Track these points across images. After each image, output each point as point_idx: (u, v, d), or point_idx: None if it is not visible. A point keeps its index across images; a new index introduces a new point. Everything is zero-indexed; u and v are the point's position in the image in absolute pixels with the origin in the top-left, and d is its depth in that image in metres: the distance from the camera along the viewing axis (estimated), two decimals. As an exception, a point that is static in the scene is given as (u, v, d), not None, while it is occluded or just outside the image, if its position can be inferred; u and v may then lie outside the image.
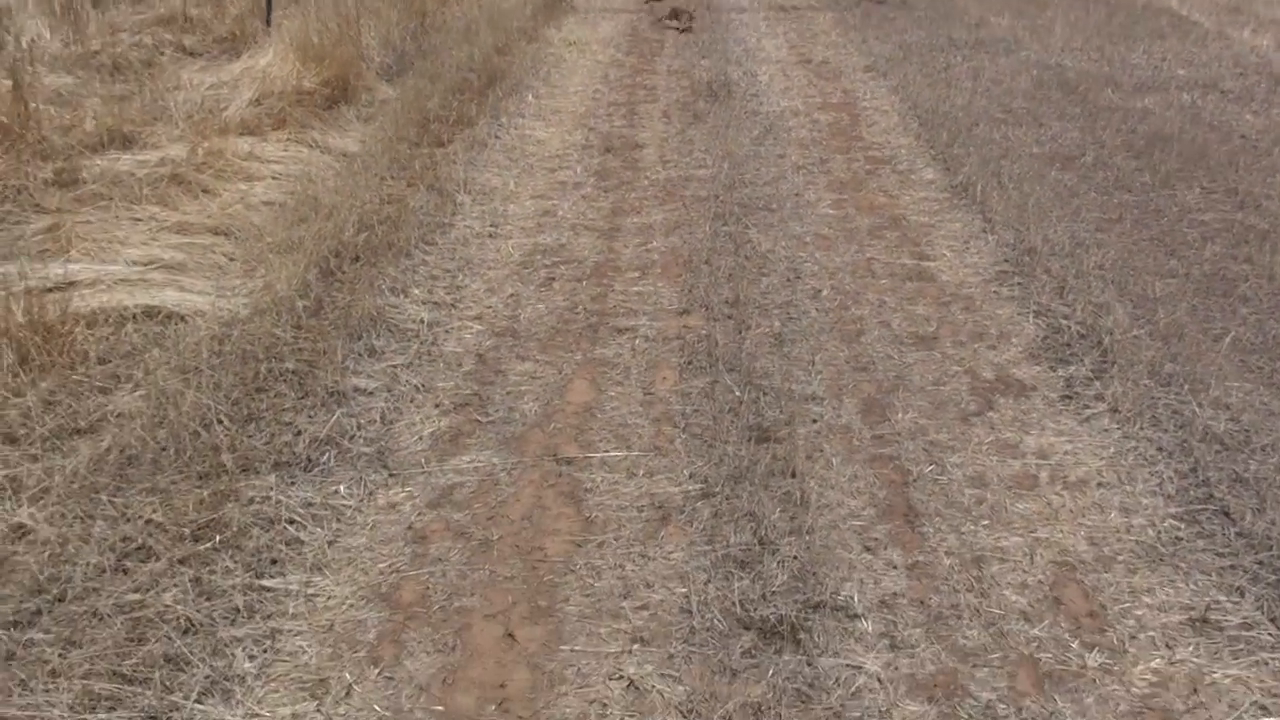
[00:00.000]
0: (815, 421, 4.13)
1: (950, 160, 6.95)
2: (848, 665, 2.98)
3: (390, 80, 8.81)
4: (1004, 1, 11.80)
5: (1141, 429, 4.02)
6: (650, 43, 10.56)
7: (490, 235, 5.89)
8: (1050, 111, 7.94)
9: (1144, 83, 8.60)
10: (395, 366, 4.46)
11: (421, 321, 4.86)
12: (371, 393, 4.25)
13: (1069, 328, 4.76)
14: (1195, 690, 2.87)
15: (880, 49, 9.98)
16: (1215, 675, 2.91)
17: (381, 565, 3.33)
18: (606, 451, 3.96)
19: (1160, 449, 3.90)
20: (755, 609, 3.16)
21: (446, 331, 4.81)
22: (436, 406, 4.21)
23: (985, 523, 3.55)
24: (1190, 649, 3.00)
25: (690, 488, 3.73)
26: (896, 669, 2.97)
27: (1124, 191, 6.35)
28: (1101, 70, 9.00)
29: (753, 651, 3.02)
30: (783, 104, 8.39)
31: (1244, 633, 3.05)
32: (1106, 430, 4.05)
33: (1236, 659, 2.96)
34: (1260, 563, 3.30)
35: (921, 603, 3.21)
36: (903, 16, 11.33)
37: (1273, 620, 3.08)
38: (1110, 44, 9.86)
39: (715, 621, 3.12)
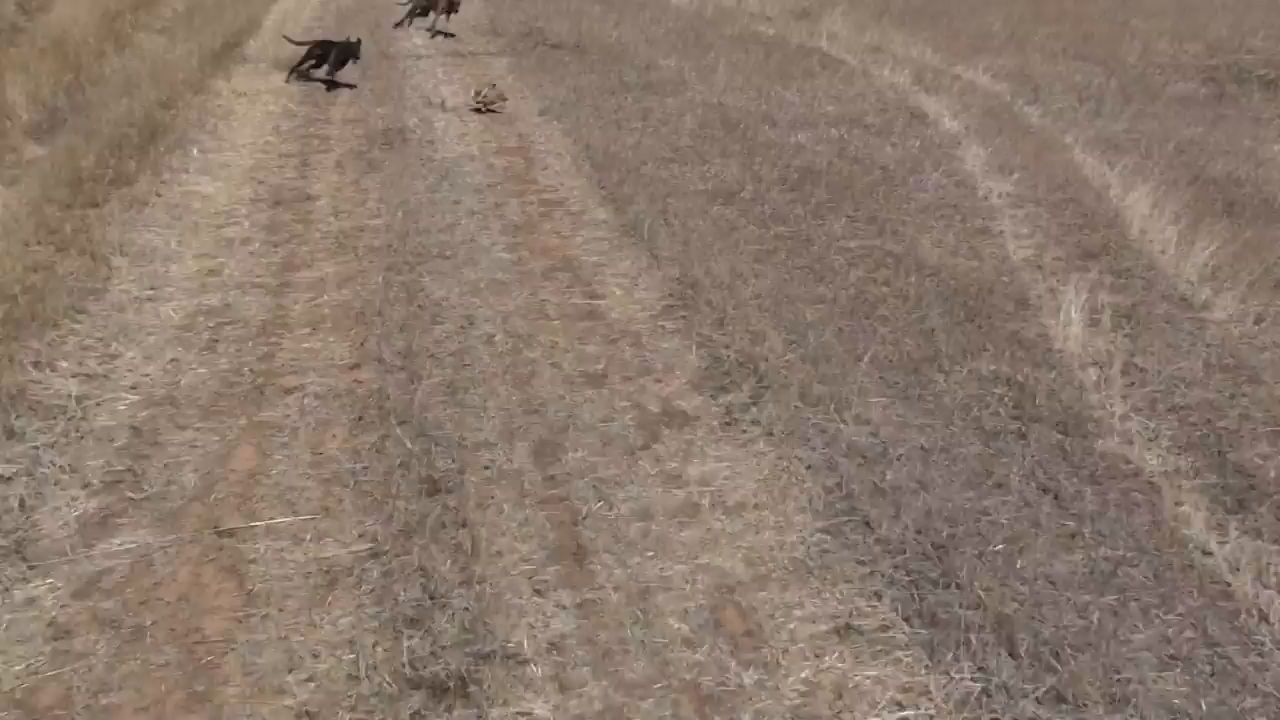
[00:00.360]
0: (487, 469, 4.15)
1: (620, 200, 7.17)
2: (518, 713, 3.01)
3: (40, 139, 8.31)
4: (671, 44, 12.28)
5: (793, 449, 4.25)
6: (324, 91, 10.38)
7: (149, 299, 5.63)
8: (714, 149, 8.31)
9: (798, 119, 9.14)
10: (38, 448, 4.18)
11: (69, 396, 4.58)
12: (9, 479, 3.97)
13: (729, 357, 4.99)
14: (840, 695, 3.05)
15: (554, 92, 10.19)
16: (857, 678, 3.11)
17: (17, 669, 3.10)
18: (272, 519, 3.85)
19: (809, 467, 4.14)
20: (425, 666, 3.14)
21: (98, 405, 4.56)
22: (85, 487, 3.97)
23: (651, 554, 3.66)
24: (835, 656, 3.19)
25: (360, 548, 3.68)
26: (565, 710, 3.02)
27: (779, 224, 6.72)
28: (760, 108, 9.50)
29: (422, 711, 3.00)
30: (459, 150, 8.44)
31: (881, 634, 3.27)
32: (762, 453, 4.27)
33: (876, 660, 3.18)
34: (896, 566, 3.55)
35: (590, 641, 3.27)
36: (576, 60, 11.61)
37: (906, 620, 3.31)
38: (768, 82, 10.43)
39: (384, 685, 3.08)
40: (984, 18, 13.51)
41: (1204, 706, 2.99)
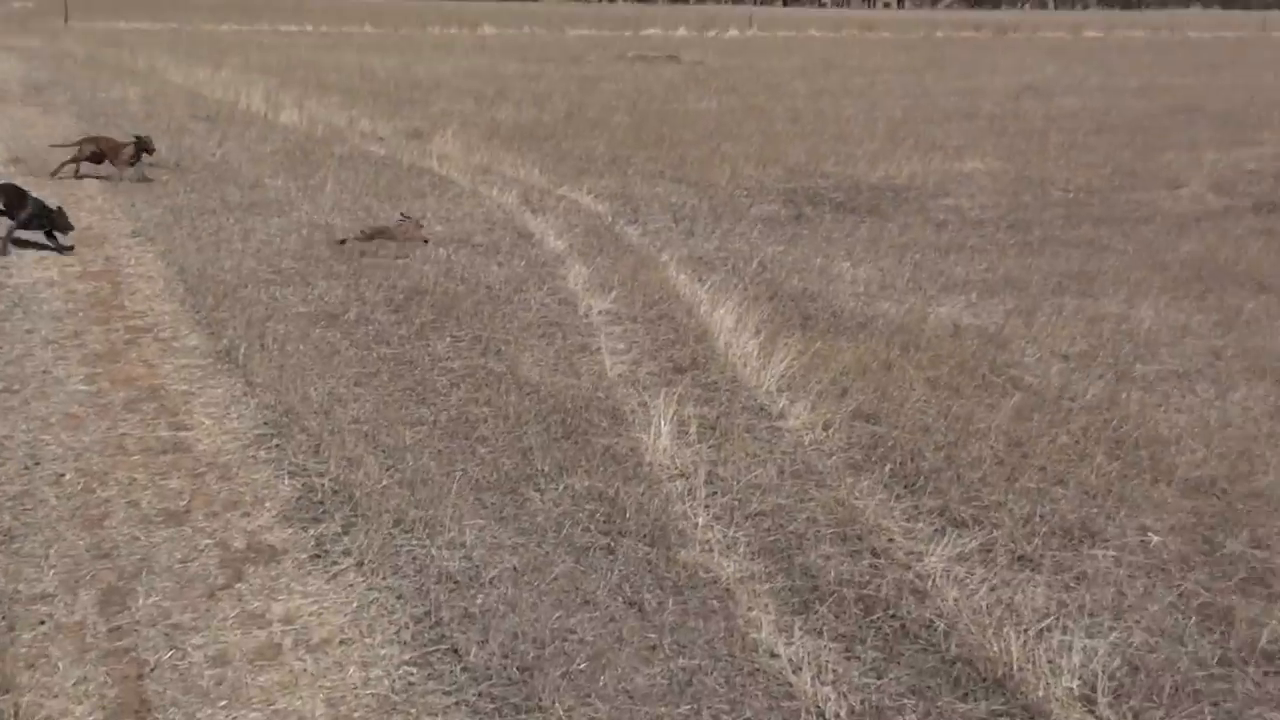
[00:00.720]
0: (43, 623, 3.80)
1: (215, 325, 6.90)
2: None
3: None
4: (279, 163, 12.09)
5: (384, 579, 4.16)
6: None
7: None
8: (318, 270, 8.19)
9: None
10: None
11: None
12: None
13: (323, 485, 4.85)
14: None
15: (149, 213, 9.76)
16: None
17: None
18: None
19: (400, 596, 4.05)
20: None
21: None
22: None
23: (224, 703, 3.45)
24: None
25: (-120, 727, 3.26)
26: None
27: (383, 345, 6.67)
28: (367, 225, 9.44)
29: None
30: (36, 275, 7.88)
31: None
32: (352, 585, 4.14)
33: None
34: (481, 694, 3.51)
35: (148, 806, 3.02)
36: (175, 179, 11.19)
37: (484, 749, 3.28)
38: (378, 203, 10.43)
39: None
40: (588, 141, 14.18)
41: (771, 805, 3.11)
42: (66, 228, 8.53)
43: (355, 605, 4.01)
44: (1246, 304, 7.98)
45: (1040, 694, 3.55)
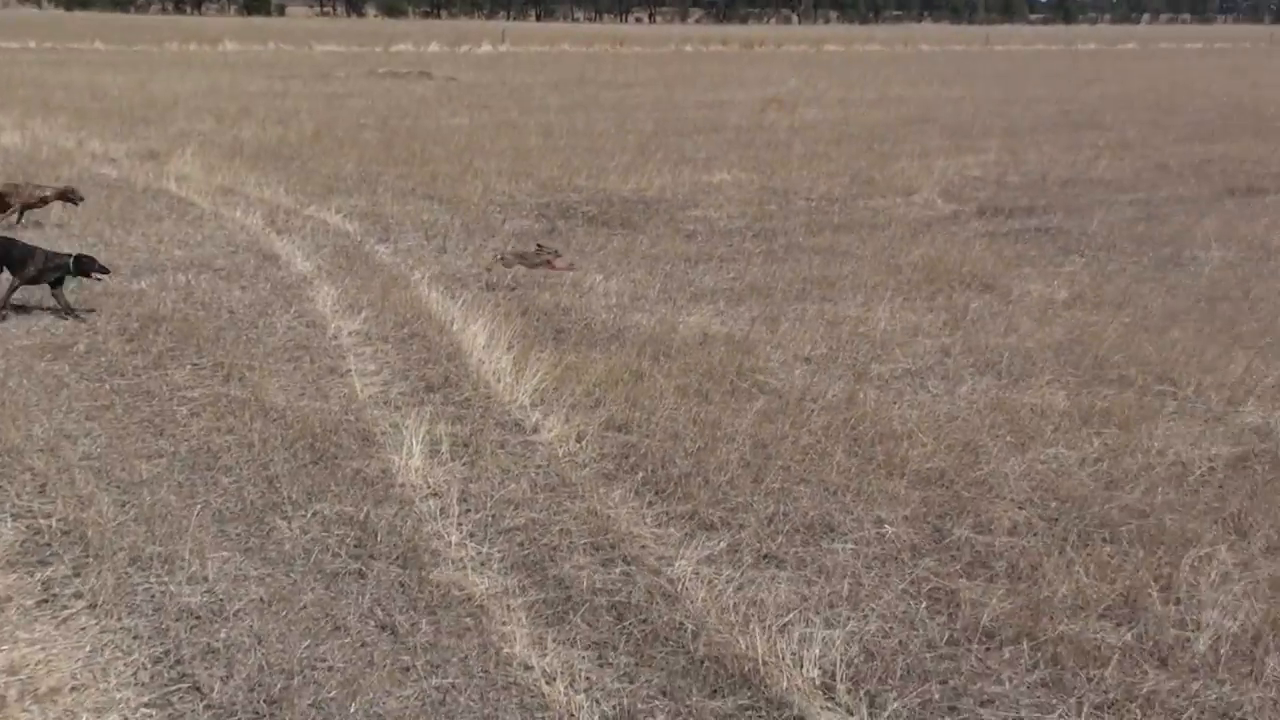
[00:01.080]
0: None
1: (-74, 362, 6.42)
2: None
3: None
4: None
5: (120, 620, 3.97)
6: None
7: None
8: (43, 300, 7.72)
9: (142, 265, 8.78)
10: None
11: None
12: None
13: (50, 527, 4.58)
14: None
15: None
16: None
17: None
18: None
19: (136, 637, 3.87)
20: None
21: None
22: None
23: (-61, 767, 3.22)
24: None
25: None
26: None
27: (117, 376, 6.36)
28: (101, 257, 8.97)
29: None
30: None
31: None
32: (84, 629, 3.93)
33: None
34: (224, 733, 3.40)
35: None
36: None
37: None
38: (110, 227, 9.94)
39: None
40: (337, 159, 13.91)
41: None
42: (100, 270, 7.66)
43: (88, 649, 3.81)
44: (972, 303, 8.49)
45: (784, 685, 3.68)
